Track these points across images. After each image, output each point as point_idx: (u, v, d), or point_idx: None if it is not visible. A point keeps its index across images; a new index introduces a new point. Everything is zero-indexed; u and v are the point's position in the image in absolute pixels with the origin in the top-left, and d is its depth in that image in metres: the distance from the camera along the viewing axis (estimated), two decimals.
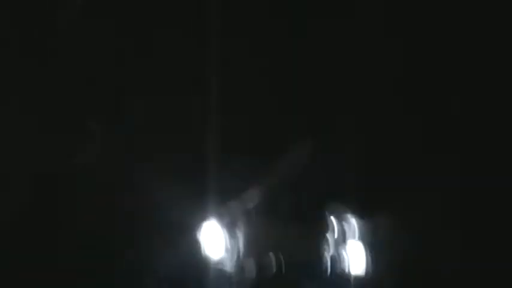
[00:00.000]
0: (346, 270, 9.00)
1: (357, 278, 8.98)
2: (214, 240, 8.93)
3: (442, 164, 8.17)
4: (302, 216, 8.84)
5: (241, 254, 8.95)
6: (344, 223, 8.91)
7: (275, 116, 8.39)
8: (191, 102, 7.13)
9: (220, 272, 8.85)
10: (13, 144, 6.62)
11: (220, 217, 9.00)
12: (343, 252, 8.98)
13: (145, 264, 6.97)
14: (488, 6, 7.59)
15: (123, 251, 6.81)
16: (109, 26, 6.82)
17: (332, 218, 8.87)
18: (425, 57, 7.97)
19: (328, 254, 8.94)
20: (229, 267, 8.90)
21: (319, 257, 8.81)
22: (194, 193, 7.54)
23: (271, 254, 8.95)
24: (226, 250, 8.98)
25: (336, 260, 8.98)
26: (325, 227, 8.80)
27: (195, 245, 8.46)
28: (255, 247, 8.94)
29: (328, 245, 8.81)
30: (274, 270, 8.72)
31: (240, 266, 8.88)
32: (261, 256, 8.91)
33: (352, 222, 8.84)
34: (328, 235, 8.87)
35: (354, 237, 8.90)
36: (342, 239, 8.87)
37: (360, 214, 8.81)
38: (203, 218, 7.96)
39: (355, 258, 9.03)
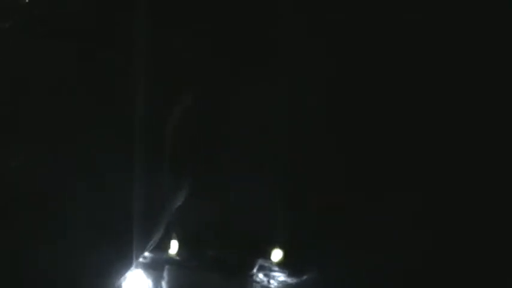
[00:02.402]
0: None
1: None
2: None
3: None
4: (227, 267, 8.70)
5: None
6: (270, 277, 8.80)
7: None
8: None
9: None
10: None
11: (145, 265, 8.82)
12: None
13: None
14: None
15: None
16: None
17: (258, 271, 8.76)
18: None
19: None
20: None
21: None
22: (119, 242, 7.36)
23: None
24: None
25: None
26: (250, 280, 8.67)
27: None
28: None
29: None
30: None
31: None
32: None
33: (278, 276, 8.73)
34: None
35: None
36: None
37: (287, 268, 8.71)
38: (128, 266, 7.79)
39: None
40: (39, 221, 6.46)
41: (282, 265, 8.76)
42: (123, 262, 7.48)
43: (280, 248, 8.73)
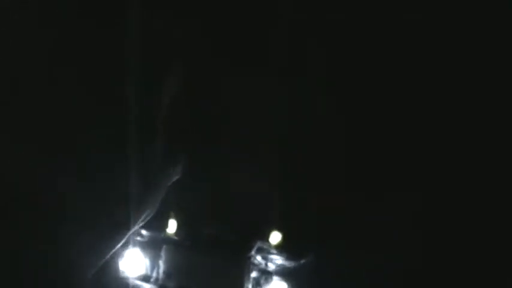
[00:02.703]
0: None
1: None
2: (135, 267, 8.78)
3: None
4: (225, 248, 8.74)
5: (160, 281, 8.83)
6: (268, 259, 8.84)
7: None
8: None
9: None
10: None
11: (142, 244, 8.85)
12: None
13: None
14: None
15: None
16: None
17: (256, 253, 8.80)
18: None
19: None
20: None
21: None
22: (117, 220, 7.39)
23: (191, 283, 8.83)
24: (147, 277, 8.85)
25: None
26: (248, 262, 8.72)
27: (116, 272, 8.32)
28: (176, 275, 8.83)
29: (249, 280, 8.75)
30: None
31: None
32: (181, 285, 8.80)
33: (276, 259, 8.77)
34: (251, 271, 8.81)
35: (277, 275, 8.83)
36: (265, 276, 8.81)
37: (286, 251, 8.75)
38: (125, 245, 7.82)
39: None
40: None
41: (281, 248, 8.78)
42: (117, 239, 7.55)
43: (279, 230, 8.75)
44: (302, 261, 8.75)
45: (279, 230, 8.75)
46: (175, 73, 7.29)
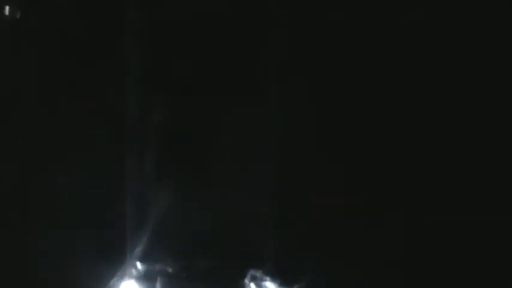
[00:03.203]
0: None
1: None
2: None
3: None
4: (219, 278, 8.71)
5: None
6: (261, 287, 8.81)
7: None
8: None
9: None
10: None
11: (138, 277, 8.82)
12: None
13: None
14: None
15: None
16: None
17: (250, 281, 8.77)
18: None
19: None
20: None
21: None
22: (112, 252, 7.37)
23: None
24: None
25: None
26: None
27: None
28: None
29: None
30: None
31: None
32: None
33: (269, 286, 8.74)
34: None
35: None
36: None
37: (279, 278, 8.72)
38: (121, 278, 7.79)
39: None
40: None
41: (273, 275, 8.74)
42: (113, 266, 7.52)
43: (272, 258, 8.72)
44: (295, 287, 8.72)
45: (272, 257, 8.75)
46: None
